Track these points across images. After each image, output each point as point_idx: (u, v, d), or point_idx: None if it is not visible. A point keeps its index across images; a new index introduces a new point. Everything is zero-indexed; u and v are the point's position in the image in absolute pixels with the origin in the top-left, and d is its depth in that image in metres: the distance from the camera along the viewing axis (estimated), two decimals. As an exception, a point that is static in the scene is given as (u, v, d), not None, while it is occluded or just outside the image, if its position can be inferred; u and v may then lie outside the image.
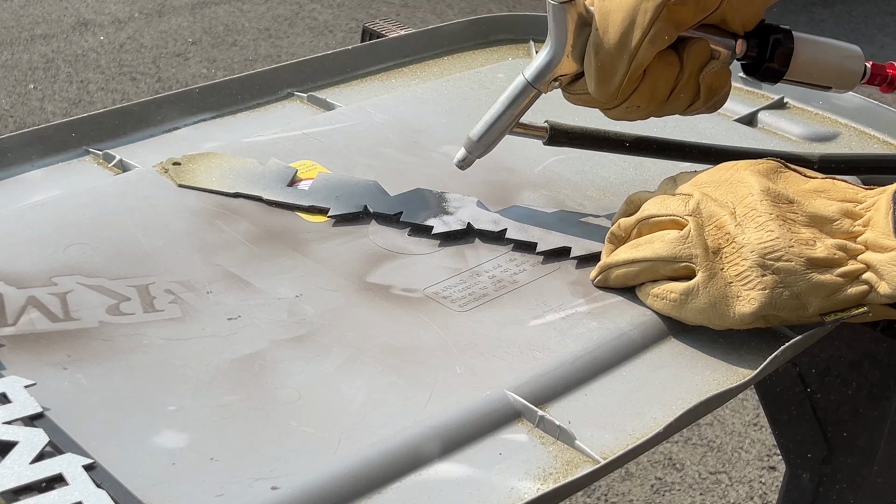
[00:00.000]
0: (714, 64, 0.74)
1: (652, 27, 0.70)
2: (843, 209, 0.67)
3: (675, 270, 0.68)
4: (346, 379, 0.62)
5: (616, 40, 0.70)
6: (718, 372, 0.66)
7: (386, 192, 0.80)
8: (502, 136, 0.76)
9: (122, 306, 0.66)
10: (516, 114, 0.76)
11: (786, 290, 0.64)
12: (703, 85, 0.74)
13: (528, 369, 0.63)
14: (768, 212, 0.66)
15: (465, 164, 0.78)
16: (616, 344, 0.67)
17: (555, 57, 0.73)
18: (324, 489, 0.54)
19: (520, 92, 0.75)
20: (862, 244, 0.66)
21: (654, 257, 0.68)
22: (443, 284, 0.71)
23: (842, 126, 0.99)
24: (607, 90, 0.72)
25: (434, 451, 0.57)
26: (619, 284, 0.71)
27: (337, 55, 1.02)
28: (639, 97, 0.73)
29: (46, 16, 3.40)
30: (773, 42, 0.76)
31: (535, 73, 0.74)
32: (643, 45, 0.70)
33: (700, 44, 0.73)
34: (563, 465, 0.58)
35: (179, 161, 0.81)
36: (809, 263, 0.64)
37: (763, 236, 0.65)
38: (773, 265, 0.64)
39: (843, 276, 0.65)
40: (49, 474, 0.52)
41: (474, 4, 3.67)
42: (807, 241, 0.65)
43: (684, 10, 0.71)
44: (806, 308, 0.65)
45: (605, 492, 1.72)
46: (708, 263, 0.66)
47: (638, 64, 0.71)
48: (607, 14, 0.71)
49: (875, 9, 3.80)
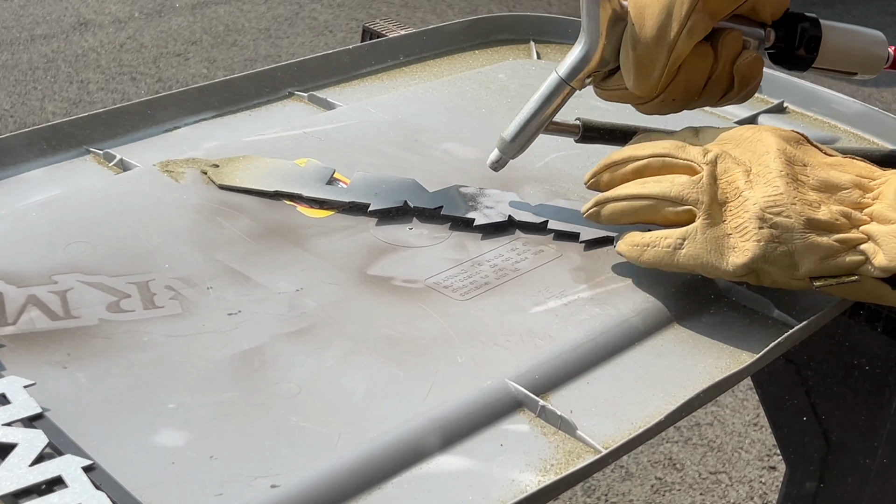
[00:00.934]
0: (747, 54, 0.74)
1: (689, 19, 0.70)
2: (855, 180, 0.67)
3: (676, 214, 0.68)
4: (346, 372, 0.62)
5: (654, 33, 0.70)
6: (721, 360, 0.66)
7: (424, 188, 0.80)
8: (536, 135, 0.76)
9: (123, 303, 0.66)
10: (549, 112, 0.75)
11: (780, 246, 0.64)
12: (737, 75, 0.74)
13: (529, 357, 0.63)
14: (779, 169, 0.66)
15: (498, 166, 0.77)
16: (618, 331, 0.67)
17: (589, 52, 0.73)
18: (324, 485, 0.54)
19: (553, 90, 0.74)
20: (868, 215, 0.66)
21: (662, 195, 0.68)
22: (444, 274, 0.71)
23: (841, 131, 0.99)
24: (646, 84, 0.72)
25: (435, 444, 0.57)
26: (611, 221, 0.71)
27: (337, 55, 1.02)
28: (674, 90, 0.73)
29: (46, 16, 3.40)
30: (802, 30, 0.77)
31: (568, 70, 0.74)
32: (681, 38, 0.70)
33: (733, 34, 0.74)
34: (565, 455, 0.57)
35: (217, 163, 0.82)
36: (808, 224, 0.64)
37: (768, 191, 0.65)
38: (772, 219, 0.64)
39: (841, 243, 0.65)
40: (48, 476, 0.52)
41: (474, 4, 3.67)
42: (811, 203, 0.65)
43: (718, 0, 0.71)
44: (797, 267, 0.65)
45: (605, 492, 1.72)
46: (711, 211, 0.66)
47: (677, 56, 0.71)
48: (643, 7, 0.71)
49: (875, 9, 3.81)
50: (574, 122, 0.79)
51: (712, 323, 0.69)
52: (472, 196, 0.80)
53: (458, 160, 0.86)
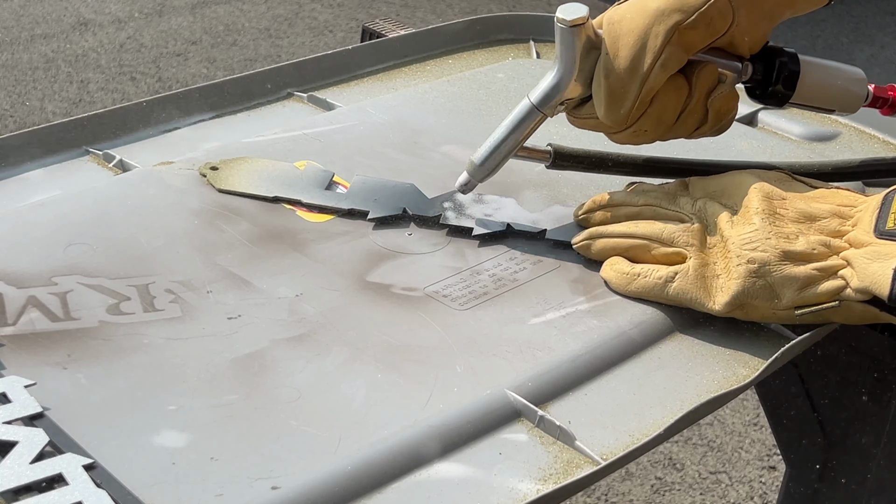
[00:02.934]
0: (722, 88, 0.74)
1: (663, 51, 0.70)
2: (834, 209, 0.69)
3: (666, 255, 0.70)
4: (346, 378, 0.62)
5: (627, 64, 0.70)
6: (719, 372, 0.66)
7: (423, 194, 0.80)
8: (506, 160, 0.75)
9: (123, 306, 0.66)
10: (521, 138, 0.74)
11: (759, 280, 0.66)
12: (711, 109, 0.74)
13: (528, 368, 0.64)
14: (755, 207, 0.68)
15: (467, 189, 0.76)
16: (616, 343, 0.67)
17: (562, 80, 0.72)
18: (324, 489, 0.54)
19: (525, 115, 0.73)
20: (847, 242, 0.66)
21: (654, 236, 0.70)
22: (443, 283, 0.71)
23: (842, 126, 0.99)
24: (617, 115, 0.72)
25: (434, 451, 0.57)
26: (600, 256, 0.73)
27: (337, 55, 1.02)
28: (646, 121, 0.72)
29: (46, 16, 3.40)
30: (780, 65, 0.76)
31: (541, 97, 0.73)
32: (655, 70, 0.70)
33: (709, 67, 0.73)
34: (563, 465, 0.58)
35: (217, 165, 0.81)
36: (784, 255, 0.66)
37: (745, 228, 0.67)
38: (749, 255, 0.66)
39: (820, 271, 0.66)
40: (49, 474, 0.52)
41: (474, 4, 3.67)
42: (788, 235, 0.67)
43: (695, 33, 0.71)
44: (779, 299, 0.66)
45: (605, 492, 1.72)
46: (702, 254, 0.68)
47: (649, 88, 0.70)
48: (618, 37, 0.70)
49: (875, 8, 3.80)
50: (545, 148, 0.78)
51: (710, 335, 0.69)
52: (471, 202, 0.79)
53: (458, 163, 0.86)
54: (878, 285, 0.63)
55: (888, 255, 0.63)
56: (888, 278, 0.63)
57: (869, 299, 0.65)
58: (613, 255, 0.72)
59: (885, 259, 0.63)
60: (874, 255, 0.64)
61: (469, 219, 0.78)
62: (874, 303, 0.65)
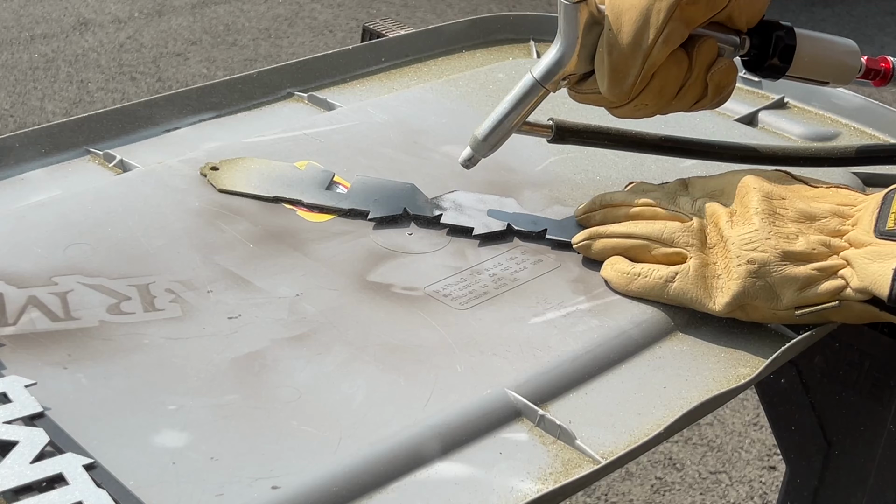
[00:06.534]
0: (721, 61, 0.74)
1: (666, 26, 0.70)
2: (834, 209, 0.69)
3: (666, 255, 0.70)
4: (346, 378, 0.62)
5: (630, 40, 0.71)
6: (719, 372, 0.66)
7: (423, 194, 0.80)
8: (509, 135, 0.76)
9: (123, 306, 0.66)
10: (523, 113, 0.75)
11: (759, 281, 0.66)
12: (710, 83, 0.75)
13: (528, 367, 0.64)
14: (755, 207, 0.68)
15: (470, 164, 0.77)
16: (617, 342, 0.67)
17: (564, 55, 0.73)
18: (324, 488, 0.54)
19: (528, 91, 0.74)
20: (847, 241, 0.67)
21: (654, 236, 0.70)
22: (443, 283, 0.71)
23: (842, 126, 0.99)
24: (620, 90, 0.72)
25: (434, 451, 0.57)
26: (600, 255, 0.73)
27: (337, 55, 1.02)
28: (648, 95, 0.73)
29: (46, 16, 3.40)
30: (776, 39, 0.77)
31: (543, 72, 0.74)
32: (657, 45, 0.71)
33: (709, 42, 0.74)
34: (564, 464, 0.58)
35: (217, 165, 0.81)
36: (784, 256, 0.66)
37: (745, 229, 0.67)
38: (749, 255, 0.66)
39: (820, 271, 0.66)
40: (49, 474, 0.52)
41: (474, 4, 3.67)
42: (787, 235, 0.67)
43: (696, 8, 0.71)
44: (780, 299, 0.66)
45: (605, 491, 1.72)
46: (702, 254, 0.68)
47: (652, 63, 0.71)
48: (620, 13, 0.71)
49: (875, 8, 3.80)
50: (547, 123, 0.79)
51: (711, 335, 0.69)
52: (471, 202, 0.79)
53: (458, 163, 0.86)
54: (878, 285, 0.63)
55: (888, 255, 0.64)
56: (888, 278, 0.63)
57: (869, 299, 0.65)
58: (613, 255, 0.72)
59: (885, 259, 0.64)
60: (874, 255, 0.64)
61: (469, 218, 0.78)
62: (874, 302, 0.65)
